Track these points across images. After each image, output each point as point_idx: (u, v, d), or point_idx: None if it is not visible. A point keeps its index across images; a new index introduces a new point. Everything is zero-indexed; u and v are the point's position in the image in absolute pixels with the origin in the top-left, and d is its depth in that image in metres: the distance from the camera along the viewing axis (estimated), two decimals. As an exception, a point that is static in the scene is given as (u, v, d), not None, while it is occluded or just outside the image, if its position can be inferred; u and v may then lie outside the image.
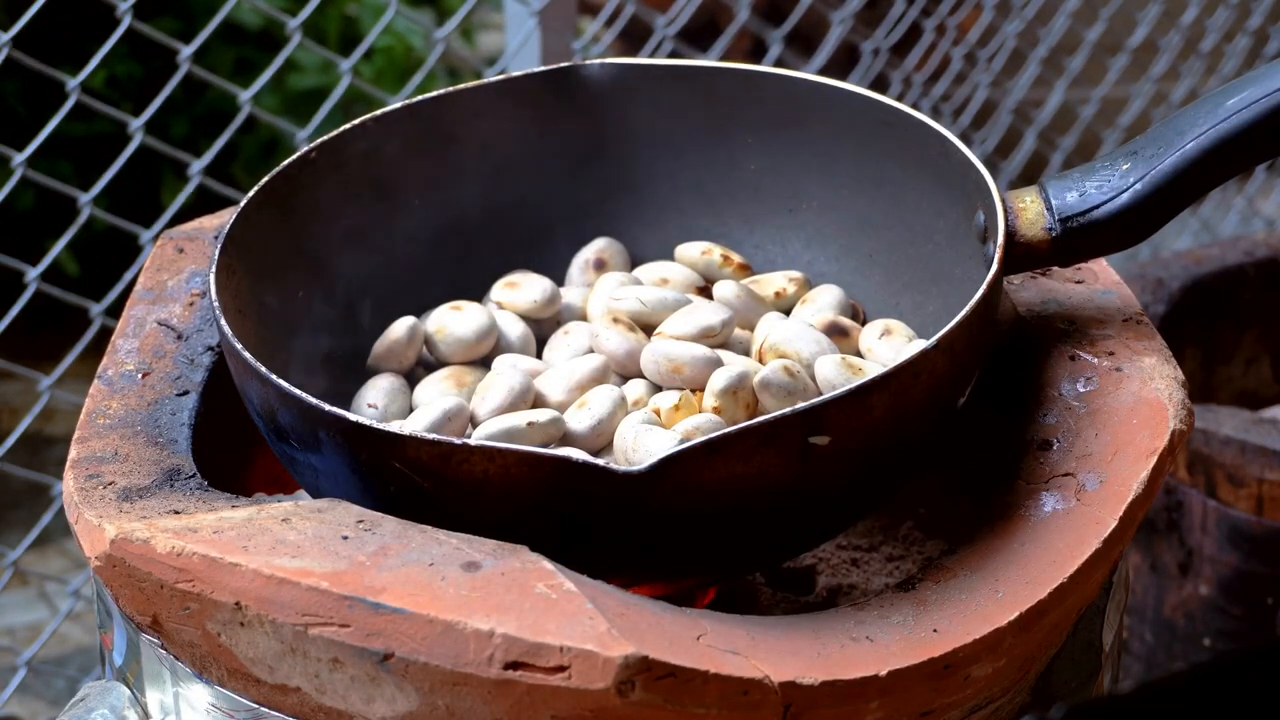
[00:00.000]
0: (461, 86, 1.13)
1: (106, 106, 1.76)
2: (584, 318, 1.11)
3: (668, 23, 2.03)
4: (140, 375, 1.06)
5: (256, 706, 0.91)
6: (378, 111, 1.11)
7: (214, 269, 1.00)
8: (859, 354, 1.06)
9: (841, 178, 1.13)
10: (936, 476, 1.11)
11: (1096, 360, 1.03)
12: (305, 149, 1.09)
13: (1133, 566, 1.61)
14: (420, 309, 1.11)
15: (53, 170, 2.23)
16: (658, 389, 1.03)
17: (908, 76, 2.35)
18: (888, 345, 1.05)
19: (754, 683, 0.86)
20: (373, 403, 1.05)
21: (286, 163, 1.08)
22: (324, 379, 1.06)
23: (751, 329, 1.08)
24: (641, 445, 0.96)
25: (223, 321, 0.98)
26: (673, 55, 2.04)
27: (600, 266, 1.14)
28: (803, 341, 1.03)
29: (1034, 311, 1.08)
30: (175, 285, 1.12)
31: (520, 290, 1.11)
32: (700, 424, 0.98)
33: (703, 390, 1.01)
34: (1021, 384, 1.04)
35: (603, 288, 1.11)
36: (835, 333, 1.06)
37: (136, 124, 1.74)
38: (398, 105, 1.12)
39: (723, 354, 1.04)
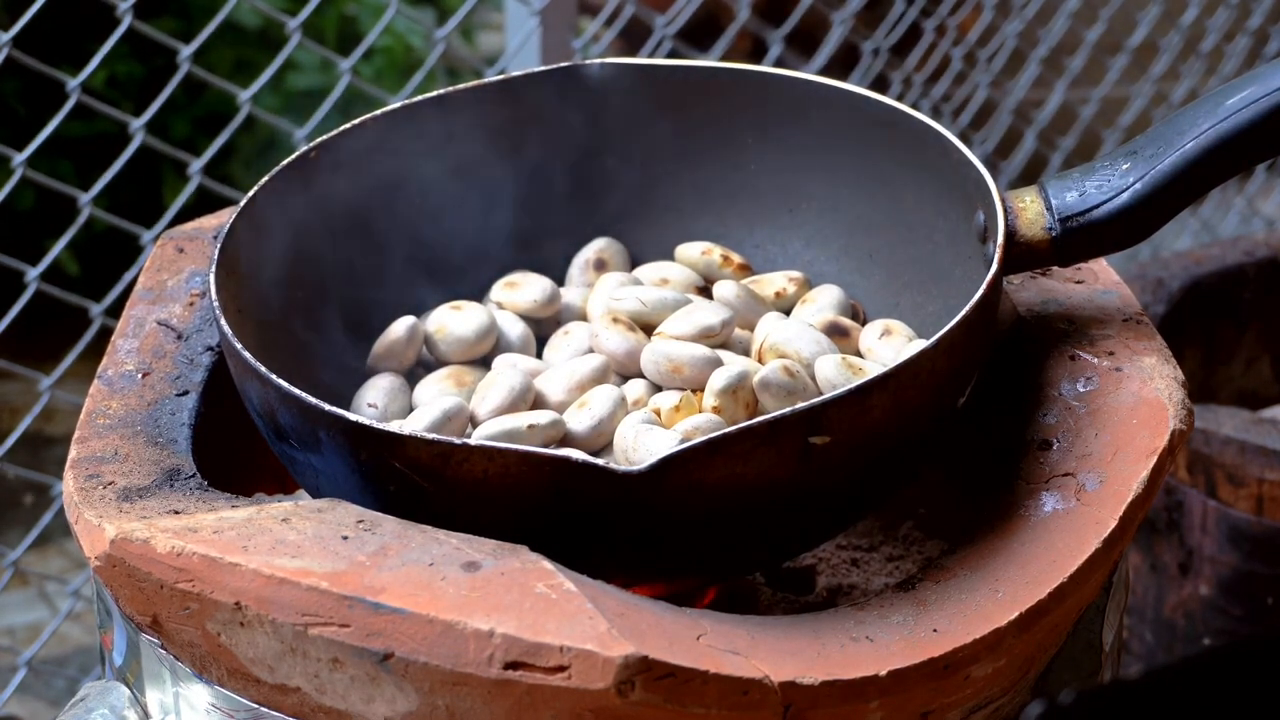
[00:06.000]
0: (461, 86, 1.13)
1: (106, 106, 1.76)
2: (584, 318, 1.11)
3: (667, 23, 2.03)
4: (140, 375, 1.06)
5: (256, 706, 0.91)
6: (377, 111, 1.11)
7: (214, 269, 1.00)
8: (859, 354, 1.06)
9: (841, 178, 1.13)
10: (937, 476, 1.11)
11: (1096, 360, 1.03)
12: (305, 148, 1.09)
13: (1133, 566, 1.61)
14: (420, 308, 1.11)
15: (53, 170, 2.23)
16: (658, 389, 1.03)
17: (908, 76, 2.35)
18: (888, 345, 1.05)
19: (754, 683, 0.86)
20: (373, 402, 1.05)
21: (286, 162, 1.08)
22: (324, 378, 1.06)
23: (751, 329, 1.08)
24: (642, 445, 0.96)
25: (223, 321, 0.98)
26: (673, 55, 2.04)
27: (600, 266, 1.14)
28: (803, 341, 1.03)
29: (1034, 311, 1.08)
30: (175, 285, 1.12)
31: (520, 290, 1.11)
32: (700, 424, 0.98)
33: (703, 390, 1.01)
34: (1021, 384, 1.04)
35: (603, 288, 1.11)
36: (835, 333, 1.06)
37: (137, 124, 1.74)
38: (397, 105, 1.12)
39: (723, 354, 1.04)
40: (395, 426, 0.94)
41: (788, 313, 1.10)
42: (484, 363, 1.08)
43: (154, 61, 2.40)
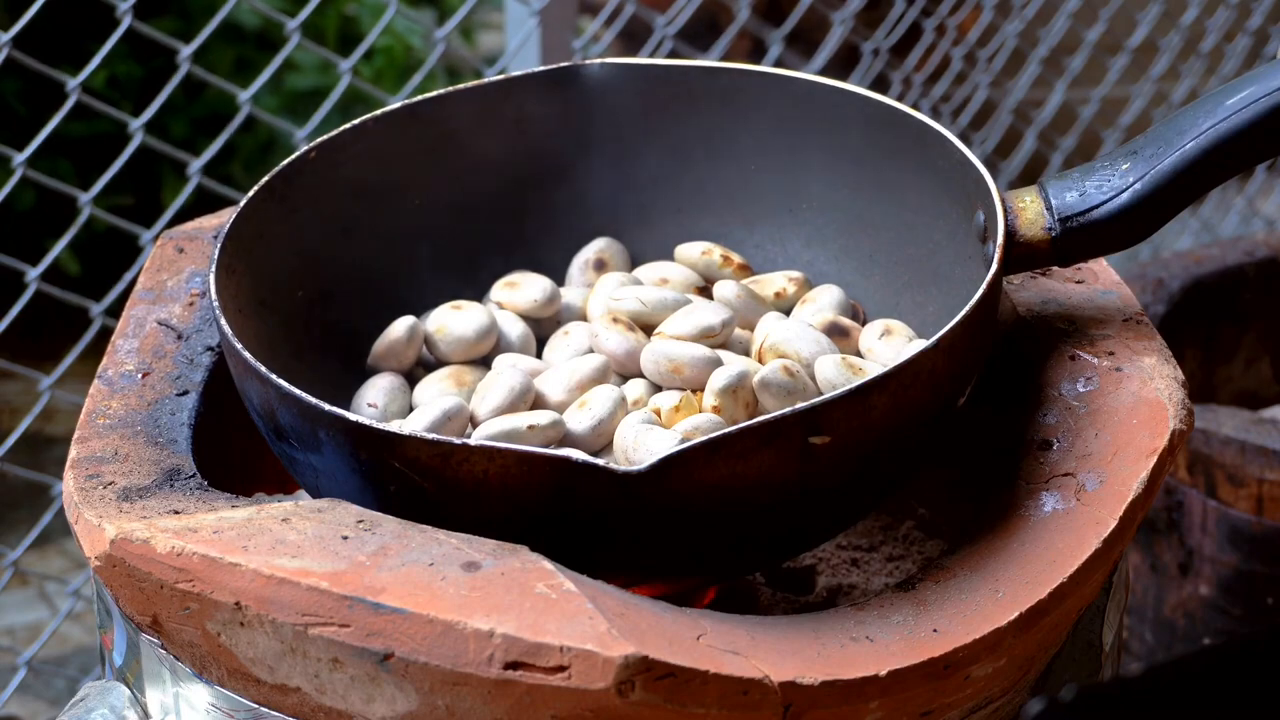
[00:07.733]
0: (461, 86, 1.13)
1: (106, 106, 1.76)
2: (584, 318, 1.11)
3: (668, 23, 2.03)
4: (140, 375, 1.06)
5: (256, 706, 0.91)
6: (377, 111, 1.11)
7: (214, 269, 1.00)
8: (859, 354, 1.06)
9: (841, 178, 1.13)
10: (936, 476, 1.11)
11: (1096, 360, 1.03)
12: (305, 148, 1.09)
13: (1133, 566, 1.61)
14: (420, 308, 1.11)
15: (53, 170, 2.23)
16: (658, 389, 1.03)
17: (908, 76, 2.35)
18: (888, 345, 1.05)
19: (754, 683, 0.86)
20: (372, 402, 1.05)
21: (286, 162, 1.08)
22: (324, 378, 1.06)
23: (751, 329, 1.08)
24: (642, 445, 0.96)
25: (223, 321, 0.98)
26: (673, 55, 2.04)
27: (600, 266, 1.14)
28: (803, 341, 1.03)
29: (1034, 311, 1.08)
30: (175, 285, 1.12)
31: (520, 290, 1.11)
32: (700, 424, 0.98)
33: (703, 390, 1.01)
34: (1021, 384, 1.04)
35: (603, 288, 1.11)
36: (835, 333, 1.06)
37: (136, 124, 1.74)
38: (397, 105, 1.12)
39: (722, 354, 1.04)
40: (395, 426, 0.94)
41: (788, 313, 1.10)
42: (484, 363, 1.08)
43: (154, 61, 2.40)
